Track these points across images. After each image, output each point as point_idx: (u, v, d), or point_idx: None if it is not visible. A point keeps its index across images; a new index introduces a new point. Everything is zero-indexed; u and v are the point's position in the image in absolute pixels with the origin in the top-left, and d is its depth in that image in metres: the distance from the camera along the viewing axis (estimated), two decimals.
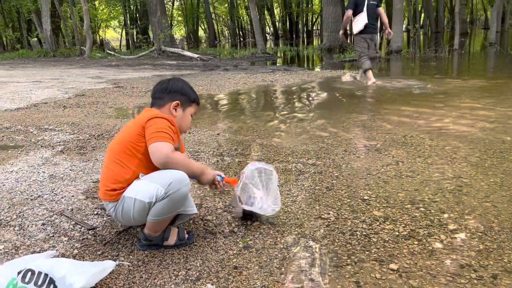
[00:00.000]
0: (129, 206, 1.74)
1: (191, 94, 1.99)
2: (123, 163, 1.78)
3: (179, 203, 1.75)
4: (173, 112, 1.92)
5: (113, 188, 1.78)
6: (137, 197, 1.71)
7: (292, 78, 8.66)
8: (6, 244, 1.95)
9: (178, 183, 1.69)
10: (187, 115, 1.98)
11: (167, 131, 1.74)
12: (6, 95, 7.06)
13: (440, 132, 3.68)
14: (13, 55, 19.33)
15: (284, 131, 4.07)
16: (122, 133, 1.90)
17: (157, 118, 1.78)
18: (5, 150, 3.67)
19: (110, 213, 1.85)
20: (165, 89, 1.96)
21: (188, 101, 1.98)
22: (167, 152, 1.68)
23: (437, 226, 1.98)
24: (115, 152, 1.83)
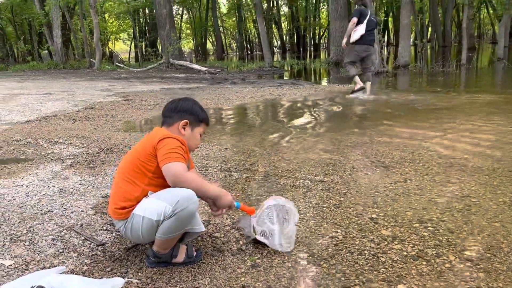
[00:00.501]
0: (138, 224, 1.76)
1: (200, 114, 2.01)
2: (133, 181, 1.81)
3: (186, 221, 1.77)
4: (182, 131, 1.95)
5: (122, 206, 1.80)
6: (145, 215, 1.74)
7: (299, 92, 8.70)
8: (16, 259, 1.97)
9: (185, 201, 1.71)
10: (195, 134, 2.01)
11: (179, 151, 1.77)
12: (17, 107, 7.17)
13: (448, 149, 3.67)
14: (24, 67, 19.63)
15: (292, 146, 4.08)
16: (133, 151, 1.92)
17: (168, 138, 1.80)
18: (16, 163, 3.72)
19: (119, 230, 1.88)
20: (175, 108, 1.99)
21: (197, 121, 2.00)
22: (181, 173, 1.72)
23: (446, 246, 1.97)
24: (125, 170, 1.86)
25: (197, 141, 2.04)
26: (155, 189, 1.80)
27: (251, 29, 44.56)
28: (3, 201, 2.74)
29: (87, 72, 17.05)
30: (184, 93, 8.92)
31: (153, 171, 1.80)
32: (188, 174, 1.75)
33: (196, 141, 2.03)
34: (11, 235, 2.23)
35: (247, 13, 40.01)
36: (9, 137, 4.76)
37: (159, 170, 1.78)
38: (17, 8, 25.14)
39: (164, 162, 1.74)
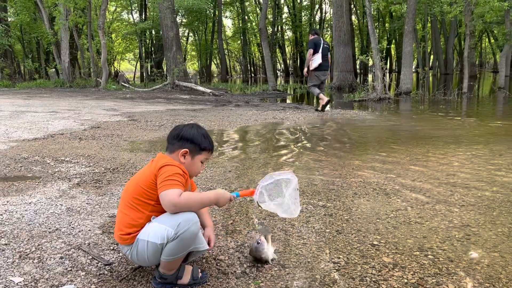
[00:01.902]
0: (143, 248, 1.83)
1: (202, 143, 2.02)
2: (137, 208, 1.89)
3: (189, 241, 1.83)
4: (181, 159, 1.98)
5: (127, 232, 1.88)
6: (150, 239, 1.81)
7: (302, 116, 8.81)
8: (26, 276, 2.02)
9: (186, 223, 1.77)
10: (196, 162, 2.02)
11: (176, 178, 1.81)
12: (24, 124, 7.27)
13: (449, 178, 3.73)
14: (30, 85, 19.88)
15: (295, 170, 4.13)
16: (136, 177, 1.99)
17: (167, 166, 1.86)
18: (24, 180, 3.78)
19: (126, 255, 1.94)
20: (177, 135, 2.02)
21: (197, 149, 2.01)
22: (174, 200, 1.76)
23: (446, 274, 2.01)
24: (129, 196, 1.93)
25: (198, 168, 2.05)
26: (159, 215, 1.87)
27: (255, 52, 45.24)
28: (11, 218, 2.80)
29: (93, 91, 17.27)
30: (189, 115, 9.04)
31: (156, 199, 1.86)
32: (181, 197, 1.78)
33: (197, 169, 2.05)
34: (20, 252, 2.28)
35: (251, 36, 40.71)
36: (17, 154, 4.84)
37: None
38: (26, 27, 25.65)
39: (160, 190, 1.80)
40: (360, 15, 35.89)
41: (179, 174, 1.84)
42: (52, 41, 20.61)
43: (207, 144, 2.05)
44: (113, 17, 33.05)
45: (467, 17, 14.18)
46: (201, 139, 2.02)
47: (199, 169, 2.06)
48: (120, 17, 34.30)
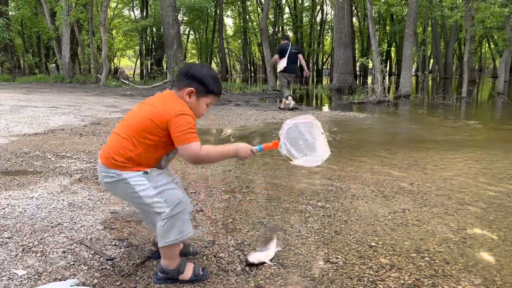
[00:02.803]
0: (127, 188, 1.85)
1: (210, 85, 1.94)
2: (133, 142, 1.84)
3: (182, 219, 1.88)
4: (186, 97, 1.92)
5: (114, 158, 1.84)
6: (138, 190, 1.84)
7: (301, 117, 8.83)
8: (29, 269, 2.05)
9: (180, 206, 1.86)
10: (201, 104, 1.96)
11: (194, 131, 1.83)
12: (24, 119, 7.29)
13: (446, 182, 3.78)
14: (30, 79, 19.88)
15: (294, 171, 4.18)
16: (141, 112, 1.91)
17: (184, 116, 1.82)
18: (25, 175, 3.81)
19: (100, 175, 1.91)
20: (187, 73, 1.94)
21: (204, 91, 1.94)
22: (196, 153, 1.82)
23: (441, 276, 2.05)
24: (129, 128, 1.88)
25: (202, 110, 1.98)
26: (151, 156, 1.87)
27: (256, 52, 45.26)
28: (14, 212, 2.83)
29: (93, 87, 17.27)
30: None
31: (156, 140, 1.84)
32: (203, 151, 1.83)
33: (201, 111, 1.98)
34: (23, 246, 2.31)
35: (252, 36, 40.74)
36: (18, 149, 4.87)
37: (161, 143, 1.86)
38: (27, 22, 25.64)
39: (182, 142, 1.80)
40: (361, 17, 35.97)
41: (194, 125, 1.84)
42: (53, 36, 20.61)
43: (216, 88, 1.97)
44: (114, 14, 33.02)
45: (467, 22, 14.25)
46: (210, 81, 1.94)
47: (202, 112, 1.99)
48: (121, 14, 34.29)
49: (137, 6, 31.96)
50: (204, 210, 2.97)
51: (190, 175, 3.94)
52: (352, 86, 17.51)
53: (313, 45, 37.87)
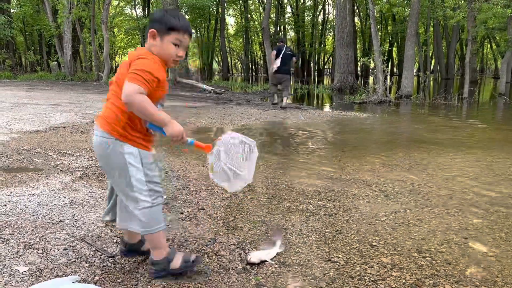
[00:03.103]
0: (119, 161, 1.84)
1: (169, 22, 1.87)
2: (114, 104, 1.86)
3: None
4: (151, 41, 1.89)
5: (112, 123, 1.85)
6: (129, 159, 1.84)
7: (303, 116, 8.85)
8: (30, 266, 2.05)
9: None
10: (165, 44, 1.88)
11: (142, 74, 1.75)
12: (25, 116, 7.30)
13: (448, 182, 3.77)
14: (32, 77, 19.89)
15: (295, 170, 4.18)
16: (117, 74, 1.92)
17: (141, 59, 1.80)
18: (26, 172, 3.81)
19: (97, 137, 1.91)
20: (150, 19, 1.92)
21: (165, 29, 1.86)
22: (131, 93, 1.71)
23: (443, 276, 2.05)
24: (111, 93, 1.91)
25: (169, 51, 1.88)
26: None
27: (257, 51, 45.27)
28: (15, 208, 2.83)
29: (94, 85, 17.28)
30: (190, 111, 9.07)
31: None
32: (138, 96, 1.72)
33: (167, 51, 1.89)
34: (24, 242, 2.31)
35: (253, 35, 40.74)
36: (19, 146, 4.87)
37: None
38: (29, 19, 25.65)
39: (127, 79, 1.75)
40: (363, 17, 35.92)
41: (147, 72, 1.76)
42: (54, 34, 20.63)
43: (176, 23, 1.87)
44: (116, 12, 33.03)
45: (469, 22, 14.23)
46: (169, 18, 1.88)
47: (171, 52, 1.89)
48: (123, 12, 34.29)
49: (138, 4, 31.97)
50: (205, 208, 2.97)
51: (191, 173, 3.94)
52: (354, 86, 17.49)
53: (315, 44, 37.86)
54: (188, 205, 3.03)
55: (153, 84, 1.79)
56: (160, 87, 1.85)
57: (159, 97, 1.89)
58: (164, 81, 1.88)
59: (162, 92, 1.90)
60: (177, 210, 2.92)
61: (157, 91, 1.85)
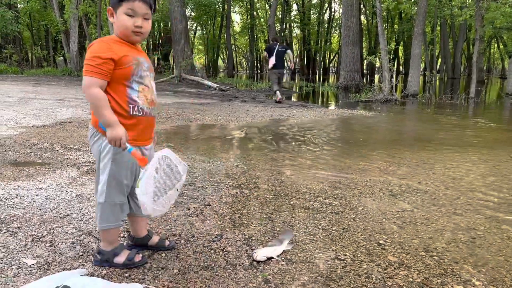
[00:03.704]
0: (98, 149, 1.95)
1: None
2: None
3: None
4: (111, 19, 1.89)
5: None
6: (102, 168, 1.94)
7: (308, 114, 8.83)
8: (38, 259, 2.06)
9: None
10: (120, 16, 1.85)
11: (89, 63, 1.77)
12: (32, 111, 7.33)
13: (455, 181, 3.75)
14: (38, 72, 19.96)
15: (301, 168, 4.17)
16: None
17: (88, 48, 1.83)
18: (33, 166, 3.83)
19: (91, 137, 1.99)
20: None
21: (116, 2, 1.85)
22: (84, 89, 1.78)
23: (451, 275, 2.04)
24: None
25: (124, 23, 1.85)
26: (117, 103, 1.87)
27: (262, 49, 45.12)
28: (23, 202, 2.84)
29: None
30: (196, 108, 9.08)
31: None
32: (92, 92, 1.76)
33: (123, 23, 1.85)
34: (32, 236, 2.32)
35: (259, 33, 40.65)
36: (26, 141, 4.89)
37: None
38: (36, 15, 25.73)
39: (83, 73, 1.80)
40: (369, 15, 35.77)
41: (95, 57, 1.77)
42: (61, 29, 20.68)
43: None
44: None
45: (477, 21, 14.13)
46: None
47: (126, 24, 1.85)
48: None
49: None
50: (211, 204, 2.97)
51: (197, 169, 3.94)
52: (359, 84, 17.43)
53: (320, 42, 37.73)
54: (194, 201, 3.03)
55: (107, 66, 1.78)
56: (120, 66, 1.82)
57: (127, 75, 1.85)
58: (125, 57, 1.83)
59: (129, 69, 1.85)
60: (184, 205, 2.92)
61: (120, 70, 1.82)
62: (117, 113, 1.85)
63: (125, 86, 1.87)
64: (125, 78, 1.86)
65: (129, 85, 1.88)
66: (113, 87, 1.85)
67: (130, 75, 1.86)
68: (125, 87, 1.87)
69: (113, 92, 1.85)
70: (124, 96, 1.87)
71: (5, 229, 2.40)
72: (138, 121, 1.92)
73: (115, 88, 1.85)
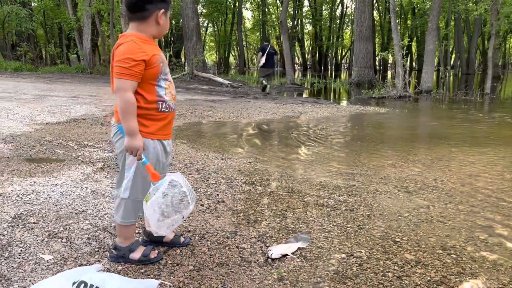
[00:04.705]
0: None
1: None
2: None
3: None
4: (160, 22, 1.88)
5: None
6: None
7: (321, 111, 8.78)
8: (55, 254, 2.08)
9: None
10: (165, 17, 1.90)
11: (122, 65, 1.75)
12: (47, 108, 7.41)
13: (471, 179, 3.69)
14: (52, 70, 20.18)
15: (315, 165, 4.15)
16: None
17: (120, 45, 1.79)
18: (48, 162, 3.87)
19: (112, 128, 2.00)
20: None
21: (166, 5, 1.89)
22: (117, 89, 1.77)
23: (469, 274, 2.01)
24: (112, 90, 1.90)
25: (167, 24, 1.94)
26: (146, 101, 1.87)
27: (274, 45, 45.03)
28: (39, 198, 2.87)
29: None
30: (208, 105, 9.09)
31: None
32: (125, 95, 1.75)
33: (166, 26, 1.93)
34: (48, 231, 2.34)
35: (270, 29, 40.51)
36: (41, 137, 4.95)
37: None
38: (49, 13, 25.98)
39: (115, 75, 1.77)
40: (382, 11, 35.40)
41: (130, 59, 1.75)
42: (74, 27, 20.86)
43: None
44: None
45: (493, 16, 13.87)
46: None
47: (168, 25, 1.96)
48: None
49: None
50: (225, 201, 2.97)
51: (210, 166, 3.94)
52: (372, 81, 17.27)
53: (332, 38, 37.48)
54: (208, 198, 3.03)
55: (140, 67, 1.77)
56: (150, 65, 1.81)
57: (155, 74, 1.86)
58: (154, 57, 1.82)
59: (157, 68, 1.85)
60: (198, 202, 2.92)
61: (150, 70, 1.83)
62: (147, 112, 1.86)
63: (154, 85, 1.88)
64: (154, 78, 1.86)
65: (157, 84, 1.89)
66: (144, 87, 1.84)
67: (158, 74, 1.88)
68: (154, 86, 1.88)
69: (144, 91, 1.85)
70: (153, 95, 1.88)
71: (22, 224, 2.43)
72: (165, 117, 1.95)
73: (145, 88, 1.85)
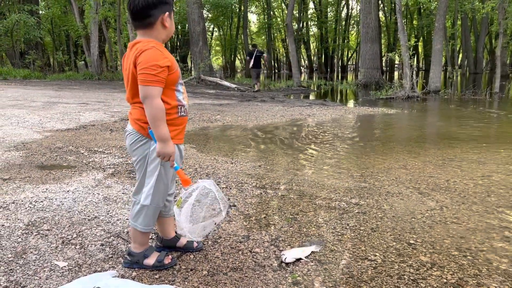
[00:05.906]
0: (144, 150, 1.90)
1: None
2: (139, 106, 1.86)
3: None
4: (166, 25, 1.86)
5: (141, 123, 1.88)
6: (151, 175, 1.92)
7: (329, 113, 8.76)
8: (69, 261, 2.09)
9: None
10: (171, 20, 1.88)
11: (149, 72, 1.73)
12: (56, 115, 7.47)
13: (484, 179, 3.65)
14: (60, 77, 20.35)
15: (325, 167, 4.13)
16: (125, 77, 1.89)
17: (143, 52, 1.75)
18: (60, 169, 3.89)
19: (126, 134, 1.96)
20: (151, 4, 1.80)
21: (170, 6, 1.86)
22: (146, 96, 1.75)
23: (486, 276, 1.98)
24: (128, 98, 1.92)
25: (173, 26, 1.91)
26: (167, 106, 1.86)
27: (279, 48, 45.07)
28: (52, 205, 2.89)
29: (121, 84, 17.53)
30: (215, 109, 9.10)
31: None
32: (155, 102, 1.74)
33: (172, 28, 1.91)
34: (62, 238, 2.35)
35: (276, 32, 40.55)
36: (52, 144, 4.98)
37: None
38: (57, 20, 26.24)
39: (141, 82, 1.74)
40: (387, 12, 35.28)
41: (156, 65, 1.74)
42: (82, 34, 21.04)
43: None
44: None
45: (500, 14, 13.76)
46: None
47: (174, 27, 1.94)
48: None
49: None
50: (236, 205, 2.96)
51: (220, 170, 3.94)
52: (379, 82, 17.21)
53: (338, 40, 37.41)
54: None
55: (164, 74, 1.78)
56: (171, 71, 1.82)
57: (175, 79, 1.87)
58: (174, 62, 1.84)
59: (177, 73, 1.86)
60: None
61: (171, 75, 1.83)
62: (170, 117, 1.86)
63: (174, 90, 1.88)
64: (174, 83, 1.87)
65: (177, 88, 1.90)
66: (166, 92, 1.84)
67: (177, 79, 1.89)
68: (174, 91, 1.89)
69: (166, 97, 1.84)
70: (174, 100, 1.88)
71: (36, 231, 2.44)
72: (183, 121, 1.96)
73: (167, 94, 1.85)
